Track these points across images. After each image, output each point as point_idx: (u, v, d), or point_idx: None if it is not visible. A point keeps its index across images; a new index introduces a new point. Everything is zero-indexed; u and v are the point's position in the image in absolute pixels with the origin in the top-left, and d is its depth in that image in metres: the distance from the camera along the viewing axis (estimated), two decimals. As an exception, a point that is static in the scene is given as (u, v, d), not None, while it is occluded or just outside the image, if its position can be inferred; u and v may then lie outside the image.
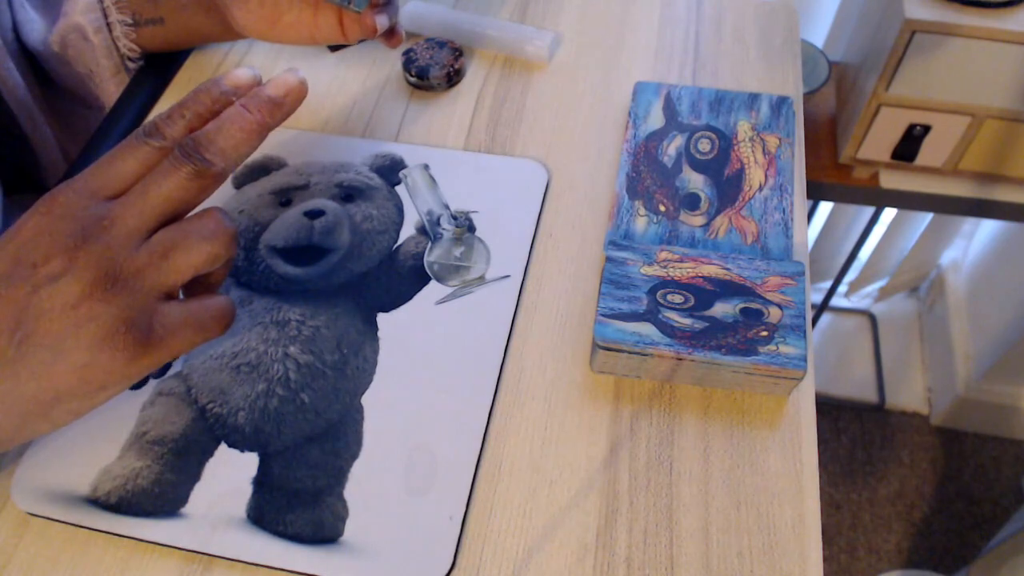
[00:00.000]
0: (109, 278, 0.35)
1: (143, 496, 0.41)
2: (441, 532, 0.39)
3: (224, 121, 0.38)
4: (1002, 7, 0.83)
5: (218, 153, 0.37)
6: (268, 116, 0.39)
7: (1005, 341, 1.30)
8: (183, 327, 0.36)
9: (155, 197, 0.36)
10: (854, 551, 1.35)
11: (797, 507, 0.40)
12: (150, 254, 0.36)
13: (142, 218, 0.36)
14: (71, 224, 0.36)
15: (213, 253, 0.37)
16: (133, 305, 0.35)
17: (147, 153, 0.38)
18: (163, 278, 0.36)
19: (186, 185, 0.37)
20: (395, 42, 0.54)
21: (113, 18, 0.57)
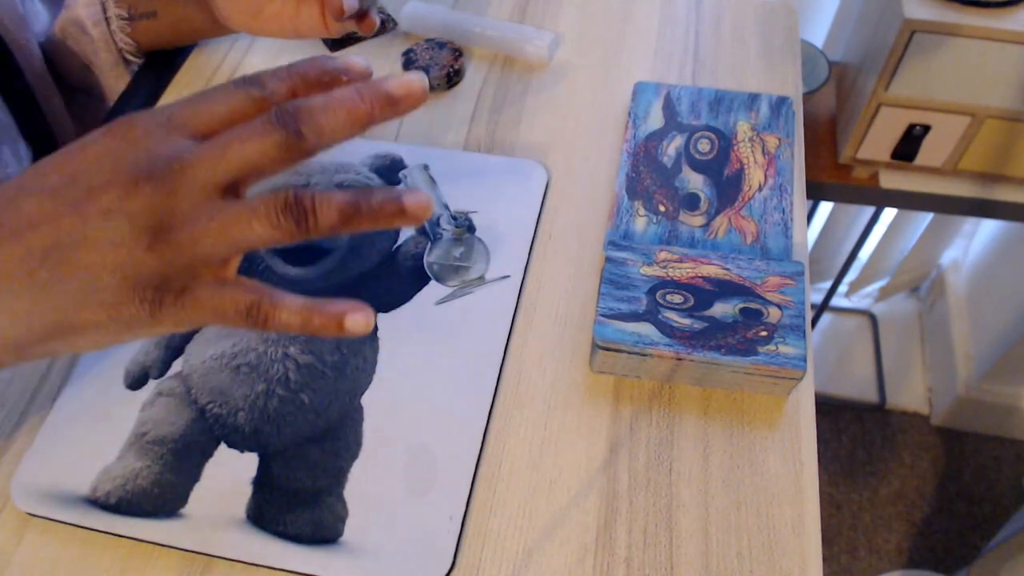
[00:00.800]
0: (163, 229, 0.32)
1: (143, 496, 0.41)
2: (441, 532, 0.39)
3: (333, 100, 0.34)
4: (1002, 7, 0.83)
5: (316, 131, 0.33)
6: (379, 110, 0.35)
7: (1005, 341, 1.30)
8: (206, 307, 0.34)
9: (236, 155, 0.33)
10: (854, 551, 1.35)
11: (797, 507, 0.40)
12: (210, 219, 0.33)
13: (215, 173, 0.33)
14: (142, 154, 0.33)
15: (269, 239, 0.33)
16: (175, 263, 0.33)
17: (242, 100, 0.35)
18: (214, 250, 0.33)
19: (271, 153, 0.33)
20: (367, 27, 0.52)
21: (111, 12, 0.58)
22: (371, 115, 0.34)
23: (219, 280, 0.34)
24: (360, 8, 0.51)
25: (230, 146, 0.33)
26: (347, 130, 0.34)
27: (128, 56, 0.59)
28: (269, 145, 0.33)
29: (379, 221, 0.34)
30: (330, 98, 0.34)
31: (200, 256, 0.33)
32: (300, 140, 0.33)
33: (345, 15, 0.49)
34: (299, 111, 0.33)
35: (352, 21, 0.52)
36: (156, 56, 0.61)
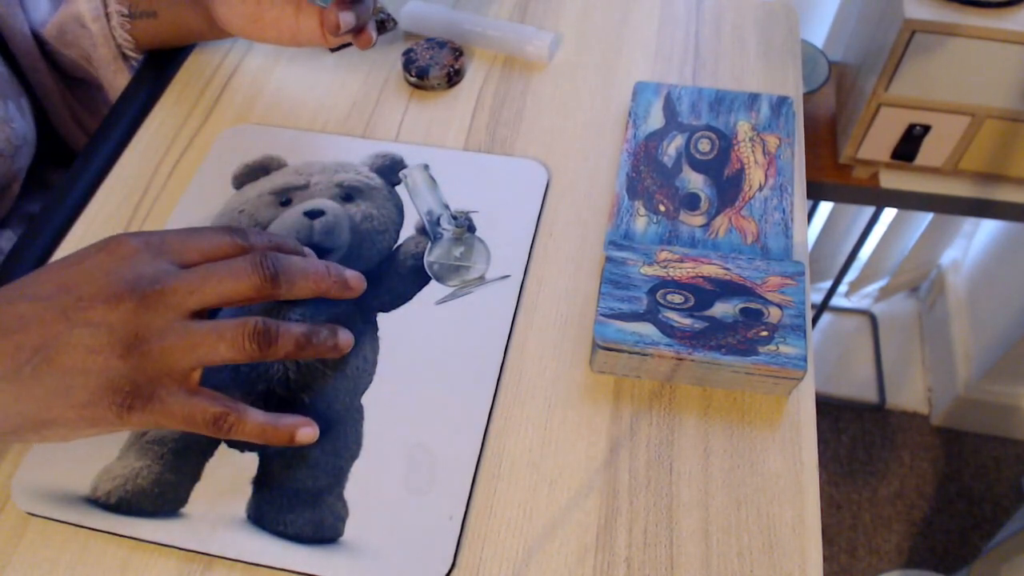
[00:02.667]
0: (138, 340, 0.37)
1: (143, 496, 0.41)
2: (441, 532, 0.39)
3: (308, 267, 0.42)
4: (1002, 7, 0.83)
5: (288, 285, 0.40)
6: (335, 289, 0.43)
7: (1005, 341, 1.30)
8: (176, 414, 0.37)
9: (214, 286, 0.39)
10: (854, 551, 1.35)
11: (797, 507, 0.40)
12: (182, 338, 0.37)
13: (191, 299, 0.38)
14: (128, 272, 0.38)
15: (232, 359, 0.38)
16: (145, 371, 0.37)
17: (227, 244, 0.41)
18: (182, 364, 0.37)
19: (245, 292, 0.39)
20: (363, 42, 0.53)
21: (112, 8, 0.58)
22: (329, 290, 0.43)
23: (186, 389, 0.38)
24: (357, 24, 0.51)
25: (210, 277, 0.39)
26: (308, 293, 0.42)
27: (127, 52, 0.59)
28: (245, 285, 0.39)
29: (321, 354, 0.42)
30: (306, 264, 0.42)
31: (167, 367, 0.37)
32: (273, 288, 0.40)
33: (341, 31, 0.50)
34: (280, 266, 0.40)
35: (349, 36, 0.52)
36: (156, 56, 0.61)
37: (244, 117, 0.58)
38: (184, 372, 0.38)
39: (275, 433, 0.39)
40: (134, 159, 0.55)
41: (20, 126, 0.56)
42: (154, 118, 0.58)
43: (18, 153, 0.56)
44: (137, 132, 0.57)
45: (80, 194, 0.53)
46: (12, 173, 0.56)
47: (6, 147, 0.54)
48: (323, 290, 0.42)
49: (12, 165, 0.56)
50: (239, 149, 0.55)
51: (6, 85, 0.56)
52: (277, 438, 0.40)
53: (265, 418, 0.39)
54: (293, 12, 0.52)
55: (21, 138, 0.56)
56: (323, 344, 0.42)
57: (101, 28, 0.58)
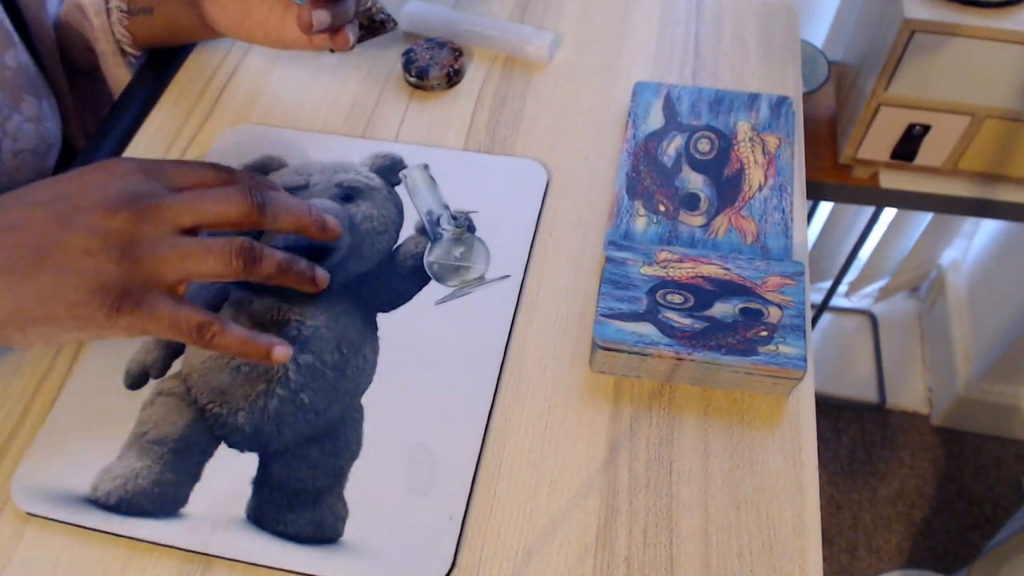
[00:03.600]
0: (132, 247, 0.39)
1: (143, 496, 0.41)
2: (441, 532, 0.39)
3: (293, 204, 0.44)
4: (1002, 7, 0.83)
5: (272, 215, 0.43)
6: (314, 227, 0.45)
7: (1005, 341, 1.30)
8: (163, 319, 0.39)
9: (206, 207, 0.41)
10: (854, 551, 1.35)
11: (797, 507, 0.40)
12: (172, 249, 0.39)
13: (184, 216, 0.40)
14: (125, 187, 0.40)
15: (218, 273, 0.40)
16: (136, 277, 0.38)
17: (215, 175, 0.44)
18: (172, 273, 0.39)
19: (232, 216, 0.41)
20: (340, 43, 0.52)
21: (112, 3, 0.58)
22: (309, 227, 0.45)
23: (173, 297, 0.40)
24: (333, 24, 0.50)
25: (203, 199, 0.41)
26: (290, 226, 0.44)
27: (125, 48, 0.59)
28: (235, 210, 0.41)
29: (298, 282, 0.45)
30: (290, 200, 0.44)
31: (158, 274, 0.39)
32: (259, 215, 0.42)
33: (314, 29, 0.49)
34: (267, 197, 0.42)
35: (325, 36, 0.51)
36: (156, 56, 0.61)
37: (244, 117, 0.58)
38: (173, 281, 0.40)
39: (254, 347, 0.41)
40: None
41: (52, 126, 0.57)
42: (154, 118, 0.58)
43: (50, 152, 0.56)
44: (137, 132, 0.57)
45: (80, 194, 0.53)
46: (44, 172, 0.56)
47: (40, 146, 0.55)
48: (304, 225, 0.44)
49: (44, 163, 0.56)
50: (239, 149, 0.55)
51: (40, 85, 0.56)
52: (256, 352, 0.41)
53: (245, 333, 0.41)
54: (280, 14, 0.52)
55: (53, 137, 0.57)
56: (302, 272, 0.44)
57: (102, 23, 0.58)
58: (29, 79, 0.55)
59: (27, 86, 0.54)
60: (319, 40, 0.52)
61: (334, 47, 0.53)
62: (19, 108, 0.53)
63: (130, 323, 0.38)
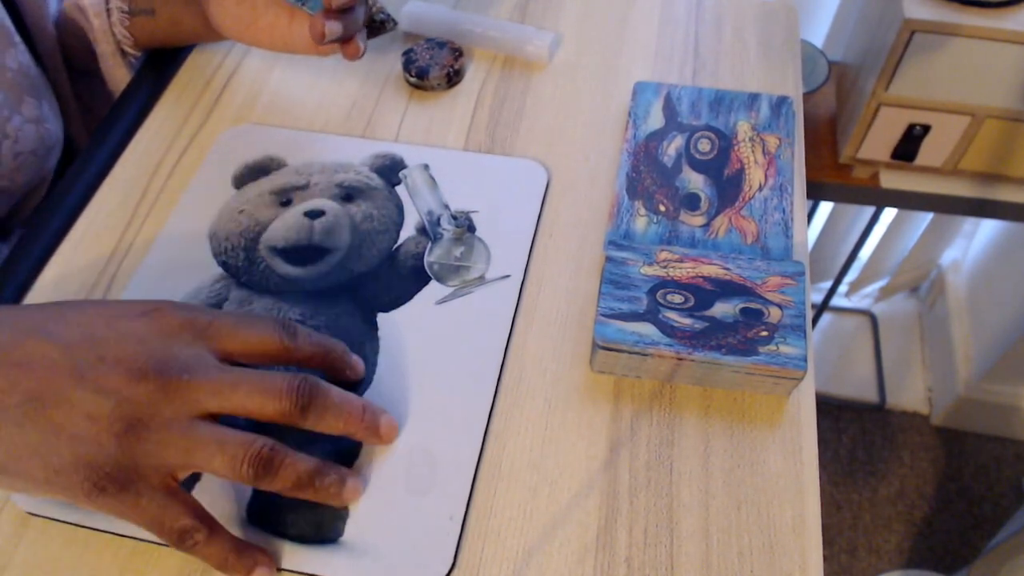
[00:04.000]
0: (139, 424, 0.34)
1: (143, 496, 0.40)
2: (441, 532, 0.39)
3: (344, 405, 0.38)
4: (1002, 7, 0.83)
5: (315, 418, 0.37)
6: (363, 433, 0.40)
7: (1005, 341, 1.30)
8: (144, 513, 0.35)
9: (240, 398, 0.36)
10: (855, 551, 1.35)
11: (797, 507, 0.40)
12: (183, 437, 0.35)
13: (212, 401, 0.35)
14: (161, 350, 0.35)
15: (222, 475, 0.36)
16: (133, 458, 0.34)
17: (275, 341, 0.38)
18: (171, 462, 0.35)
19: (269, 414, 0.36)
20: (350, 52, 0.52)
21: (113, 3, 0.58)
22: (357, 432, 0.39)
23: (164, 489, 0.35)
24: (344, 34, 0.50)
25: (240, 386, 0.36)
26: (334, 429, 0.38)
27: (125, 49, 0.59)
28: (272, 408, 0.36)
29: (321, 498, 0.38)
30: (342, 402, 0.38)
31: (156, 461, 0.34)
32: (300, 419, 0.37)
33: (326, 39, 0.49)
34: (316, 398, 0.37)
35: (335, 45, 0.51)
36: (157, 56, 0.61)
37: (244, 117, 0.58)
38: (170, 471, 0.35)
39: (234, 565, 0.36)
40: (134, 159, 0.55)
41: (52, 126, 0.56)
42: (154, 118, 0.58)
43: (50, 154, 0.56)
44: (137, 132, 0.57)
45: (80, 193, 0.53)
46: (44, 174, 0.56)
47: (40, 147, 0.54)
48: (351, 433, 0.39)
49: (45, 165, 0.56)
50: (239, 149, 0.55)
51: (41, 86, 0.56)
52: (232, 572, 0.37)
53: (230, 545, 0.36)
54: (287, 19, 0.52)
55: (54, 138, 0.56)
56: (326, 489, 0.38)
57: (102, 23, 0.58)
58: (30, 80, 0.55)
59: (28, 87, 0.54)
60: (327, 48, 0.52)
61: (345, 56, 0.52)
62: (20, 109, 0.53)
63: (109, 506, 0.34)
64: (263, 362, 0.39)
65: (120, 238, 0.51)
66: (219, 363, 0.37)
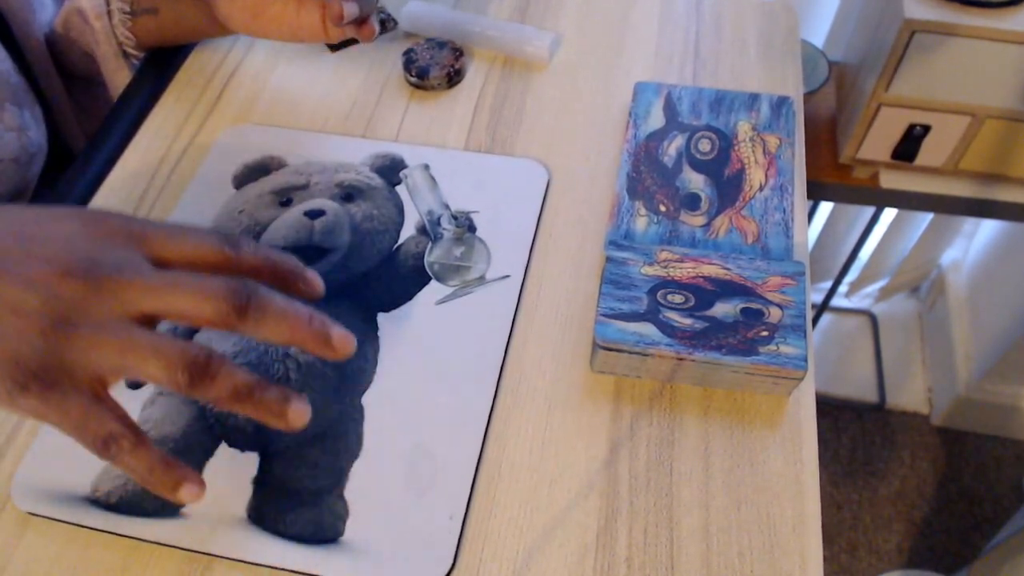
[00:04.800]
0: (68, 322, 0.32)
1: (143, 496, 0.41)
2: (441, 532, 0.39)
3: (288, 310, 0.34)
4: (1002, 7, 0.83)
5: (255, 325, 0.34)
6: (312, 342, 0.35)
7: (1005, 341, 1.30)
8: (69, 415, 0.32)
9: (174, 297, 0.33)
10: (854, 551, 1.35)
11: (797, 507, 0.40)
12: (114, 336, 0.32)
13: (145, 300, 0.33)
14: (92, 251, 0.33)
15: (155, 380, 0.33)
16: (60, 357, 0.32)
17: (213, 250, 0.36)
18: (102, 364, 0.32)
19: (206, 315, 0.33)
20: (366, 34, 0.53)
21: (114, 5, 0.58)
22: (305, 340, 0.35)
23: (92, 392, 0.33)
24: (360, 15, 0.51)
25: (175, 287, 0.33)
26: (278, 337, 0.34)
27: (128, 50, 0.59)
28: (209, 309, 0.33)
29: (261, 415, 0.34)
30: (287, 306, 0.34)
31: (85, 361, 0.32)
32: (239, 320, 0.33)
33: (345, 20, 0.50)
34: (256, 300, 0.34)
35: (352, 27, 0.52)
36: (157, 55, 0.61)
37: (244, 117, 0.58)
38: (99, 374, 0.33)
39: (160, 477, 0.34)
40: (135, 159, 0.55)
41: (35, 135, 0.56)
42: (155, 118, 0.58)
43: (33, 161, 0.56)
44: (138, 132, 0.57)
45: (81, 193, 0.53)
46: (27, 181, 0.56)
47: (22, 155, 0.54)
48: (298, 339, 0.35)
49: (27, 172, 0.56)
50: (239, 149, 0.55)
51: (23, 94, 0.56)
52: (160, 483, 0.34)
53: (157, 457, 0.34)
54: (295, 7, 0.52)
55: (36, 146, 0.56)
56: (267, 404, 0.34)
57: (103, 25, 0.58)
58: (11, 88, 0.55)
59: (9, 95, 0.54)
60: (336, 31, 0.52)
61: (360, 37, 0.53)
62: (0, 118, 0.53)
63: (33, 408, 0.32)
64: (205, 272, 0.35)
65: (120, 238, 0.51)
66: (153, 267, 0.34)
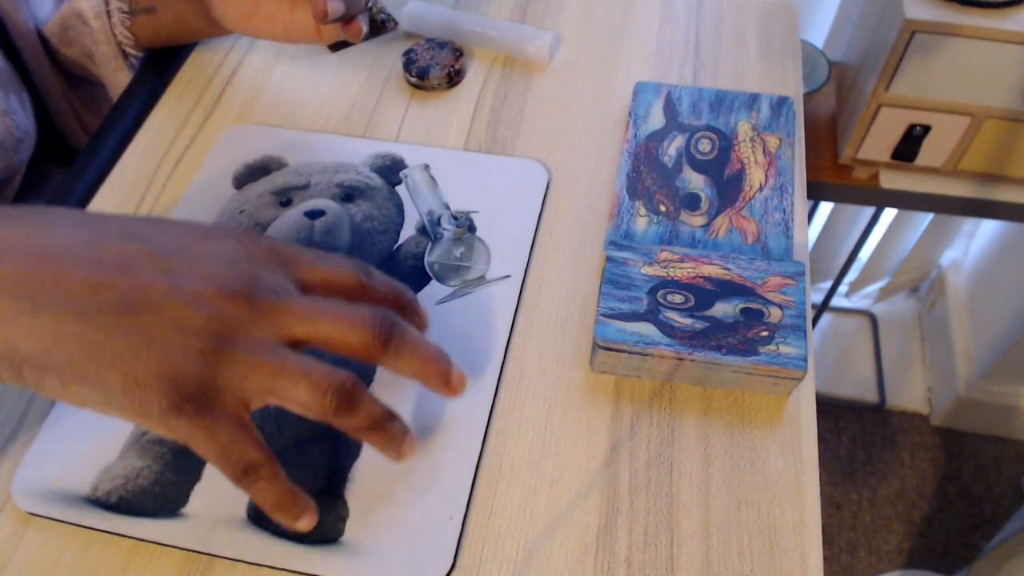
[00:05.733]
0: (228, 341, 0.32)
1: (143, 496, 0.41)
2: (441, 532, 0.39)
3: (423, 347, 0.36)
4: (1002, 7, 0.83)
5: (395, 354, 0.36)
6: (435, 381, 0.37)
7: (1005, 341, 1.30)
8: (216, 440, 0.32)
9: (326, 325, 0.34)
10: (854, 551, 1.35)
11: (797, 507, 0.40)
12: (269, 359, 0.33)
13: (299, 326, 0.34)
14: (252, 273, 0.34)
15: (304, 406, 0.34)
16: (216, 379, 0.32)
17: (351, 277, 0.37)
18: (255, 386, 0.33)
19: (351, 343, 0.35)
20: (353, 32, 0.52)
21: (112, 5, 0.58)
22: (430, 377, 0.37)
23: (238, 418, 0.33)
24: (347, 13, 0.50)
25: (325, 315, 0.34)
26: (409, 369, 0.36)
27: (127, 50, 0.59)
28: (356, 338, 0.34)
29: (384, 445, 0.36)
30: (423, 343, 0.36)
31: (239, 385, 0.33)
32: (381, 352, 0.35)
33: (329, 18, 0.49)
34: (397, 333, 0.35)
35: (339, 26, 0.52)
36: (157, 55, 0.61)
37: (245, 117, 0.58)
38: (248, 397, 0.33)
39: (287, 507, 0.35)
40: (135, 159, 0.56)
41: (21, 119, 0.56)
42: (155, 118, 0.58)
43: (19, 146, 0.56)
44: (138, 132, 0.57)
45: (81, 193, 0.53)
46: (14, 166, 0.56)
47: (7, 139, 0.54)
48: (426, 374, 0.37)
49: (14, 157, 0.56)
50: (240, 149, 0.55)
51: (8, 79, 0.56)
52: (282, 515, 0.35)
53: (287, 488, 0.34)
54: (288, 7, 0.53)
55: (23, 131, 0.56)
56: (392, 436, 0.36)
57: (102, 25, 0.58)
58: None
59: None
60: (328, 32, 0.53)
61: (347, 36, 0.53)
62: None
63: (182, 430, 0.32)
64: (340, 297, 0.37)
65: (120, 238, 0.51)
66: (301, 293, 0.35)
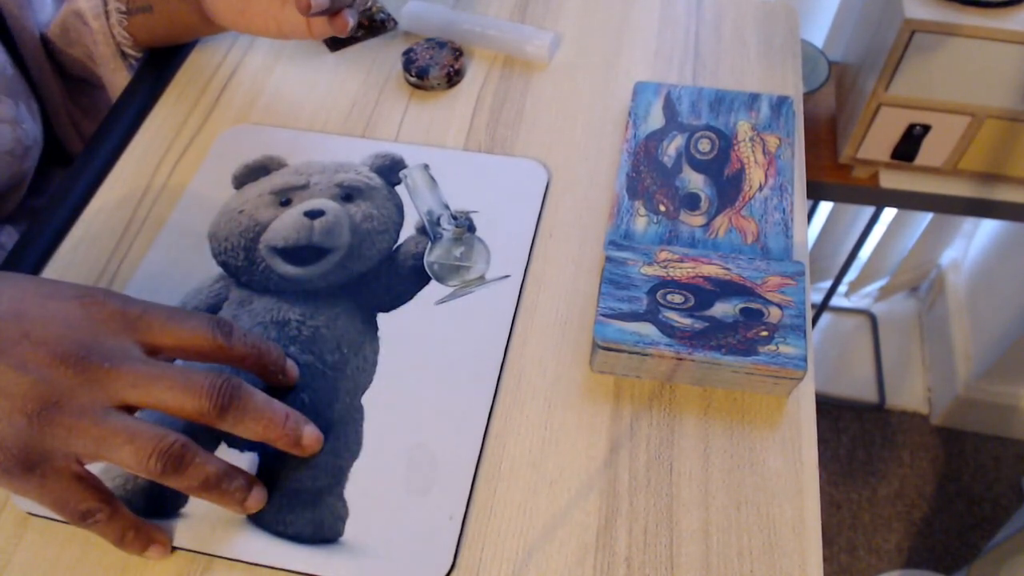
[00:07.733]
0: (54, 407, 0.34)
1: (143, 495, 0.40)
2: (441, 532, 0.39)
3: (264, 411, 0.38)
4: (1002, 7, 0.83)
5: (233, 421, 0.36)
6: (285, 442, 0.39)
7: (1005, 341, 1.30)
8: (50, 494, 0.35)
9: (158, 392, 0.35)
10: (854, 551, 1.35)
11: (797, 507, 0.40)
12: (94, 425, 0.34)
13: (130, 392, 0.35)
14: (89, 337, 0.35)
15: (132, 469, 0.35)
16: (42, 442, 0.34)
17: (207, 338, 0.38)
18: (80, 450, 0.34)
19: (187, 411, 0.35)
20: (339, 26, 0.52)
21: (111, 5, 0.58)
22: (278, 439, 0.39)
23: (70, 472, 0.35)
24: (332, 7, 0.50)
25: (159, 381, 0.35)
26: (253, 434, 0.37)
27: (126, 50, 0.59)
28: (190, 406, 0.35)
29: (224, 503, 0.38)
30: (265, 407, 0.38)
31: (65, 447, 0.34)
32: (217, 419, 0.36)
33: (312, 11, 0.49)
34: (237, 399, 0.36)
35: (325, 19, 0.52)
36: (156, 55, 0.61)
37: (244, 117, 0.58)
38: (77, 458, 0.35)
39: (131, 542, 0.37)
40: (134, 159, 0.56)
41: (30, 128, 0.56)
42: (154, 118, 0.58)
43: (28, 154, 0.56)
44: (137, 132, 0.57)
45: (81, 193, 0.53)
46: (22, 173, 0.56)
47: (17, 147, 0.54)
48: (271, 438, 0.38)
49: (22, 165, 0.56)
50: (239, 149, 0.55)
51: (18, 87, 0.56)
52: (129, 549, 0.37)
53: (129, 523, 0.37)
54: (279, 3, 0.53)
55: (32, 139, 0.56)
56: (231, 494, 0.38)
57: (101, 26, 0.58)
58: (6, 81, 0.55)
59: (4, 87, 0.54)
60: (318, 26, 0.53)
61: (333, 30, 0.53)
62: None
63: (14, 487, 0.34)
64: (194, 360, 0.38)
65: (120, 238, 0.51)
66: (144, 356, 0.36)
